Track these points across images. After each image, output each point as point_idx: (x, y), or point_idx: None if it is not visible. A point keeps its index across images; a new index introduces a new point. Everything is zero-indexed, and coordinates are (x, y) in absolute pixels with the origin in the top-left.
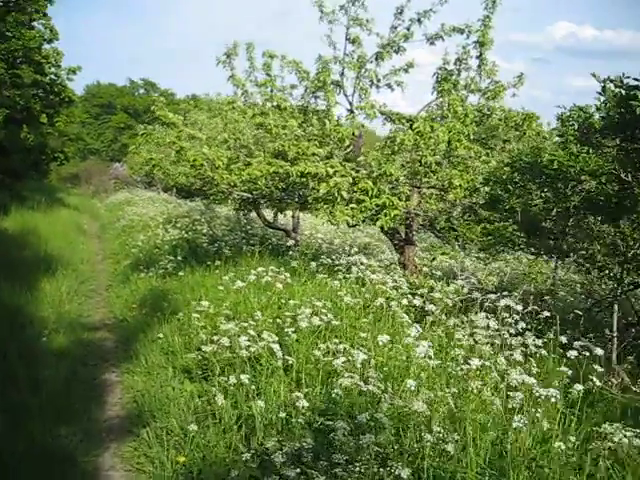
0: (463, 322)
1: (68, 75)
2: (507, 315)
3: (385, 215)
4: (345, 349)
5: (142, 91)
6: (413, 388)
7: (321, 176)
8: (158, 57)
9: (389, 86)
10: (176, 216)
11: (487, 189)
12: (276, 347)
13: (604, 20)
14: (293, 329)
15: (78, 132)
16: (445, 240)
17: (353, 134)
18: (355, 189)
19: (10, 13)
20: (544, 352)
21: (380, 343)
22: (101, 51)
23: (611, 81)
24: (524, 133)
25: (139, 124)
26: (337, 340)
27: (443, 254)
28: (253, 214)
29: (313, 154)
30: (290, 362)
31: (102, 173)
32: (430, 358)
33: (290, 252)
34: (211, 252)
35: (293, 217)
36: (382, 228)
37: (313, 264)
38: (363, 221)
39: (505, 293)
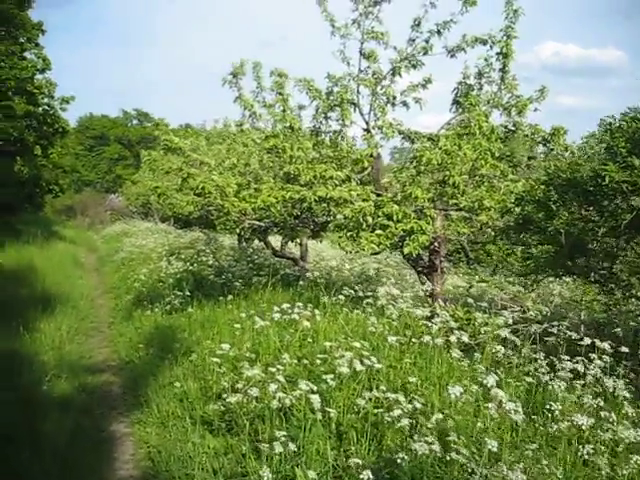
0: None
1: (61, 105)
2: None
3: (413, 241)
4: (396, 398)
5: (135, 122)
6: (494, 449)
7: (343, 201)
8: (145, 89)
9: (404, 104)
10: (179, 247)
11: (518, 210)
12: (315, 398)
13: (588, 39)
14: (331, 375)
15: (72, 164)
16: (463, 265)
17: (371, 155)
18: (379, 214)
19: (1, 42)
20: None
21: (452, 396)
22: (86, 83)
23: None
24: (551, 149)
25: (141, 150)
26: (384, 387)
27: (482, 281)
28: (257, 243)
29: (331, 177)
30: (331, 414)
31: (97, 205)
32: (515, 412)
33: (301, 282)
34: (218, 284)
35: (301, 245)
36: (405, 255)
37: (341, 297)
38: (390, 248)
39: (555, 323)
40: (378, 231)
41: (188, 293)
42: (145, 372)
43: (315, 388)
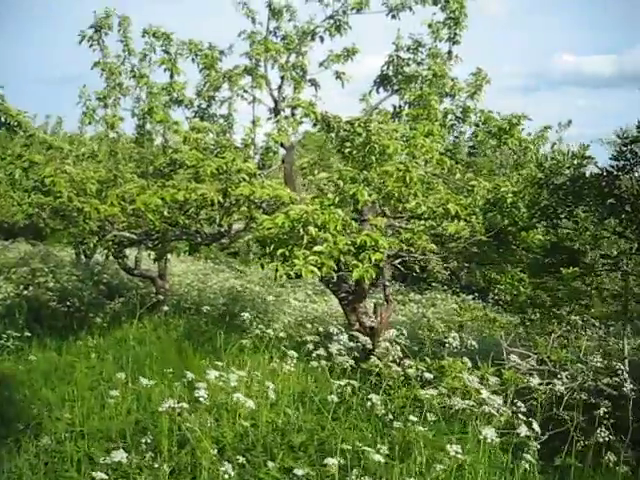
0: None
1: None
2: None
3: (363, 261)
4: None
5: None
6: None
7: (278, 203)
8: None
9: (313, 83)
10: (7, 264)
11: (480, 218)
12: None
13: None
14: None
15: None
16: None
17: (281, 144)
18: (317, 222)
19: None
20: None
21: None
22: None
23: None
24: (503, 142)
25: None
26: None
27: (496, 323)
28: (101, 258)
29: (239, 171)
30: None
31: None
32: None
33: (165, 307)
34: (62, 314)
35: (160, 261)
36: (323, 277)
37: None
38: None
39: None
40: (317, 247)
41: (27, 333)
42: None
43: None
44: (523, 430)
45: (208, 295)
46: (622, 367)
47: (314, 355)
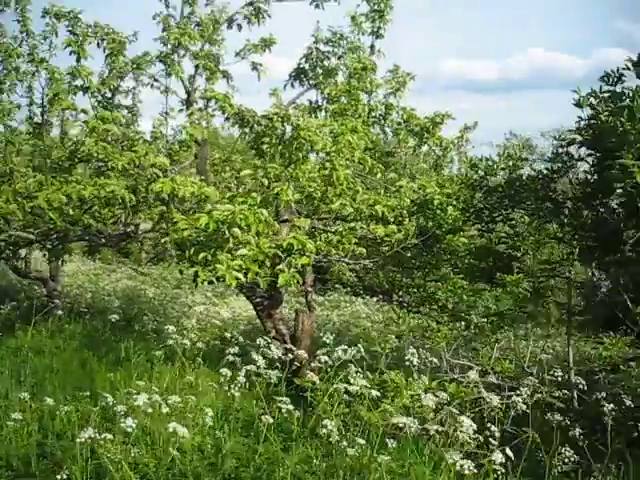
0: None
1: None
2: None
3: (288, 266)
4: None
5: None
6: None
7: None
8: None
9: (224, 75)
10: None
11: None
12: None
13: None
14: None
15: None
16: None
17: (195, 141)
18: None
19: None
20: None
21: None
22: None
23: None
24: (424, 142)
25: None
26: None
27: (438, 333)
28: None
29: (152, 165)
30: None
31: None
32: None
33: (59, 311)
34: None
35: (51, 261)
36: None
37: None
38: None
39: None
40: (242, 251)
41: None
42: None
43: None
44: (498, 457)
45: (102, 297)
46: (581, 380)
47: (241, 369)
